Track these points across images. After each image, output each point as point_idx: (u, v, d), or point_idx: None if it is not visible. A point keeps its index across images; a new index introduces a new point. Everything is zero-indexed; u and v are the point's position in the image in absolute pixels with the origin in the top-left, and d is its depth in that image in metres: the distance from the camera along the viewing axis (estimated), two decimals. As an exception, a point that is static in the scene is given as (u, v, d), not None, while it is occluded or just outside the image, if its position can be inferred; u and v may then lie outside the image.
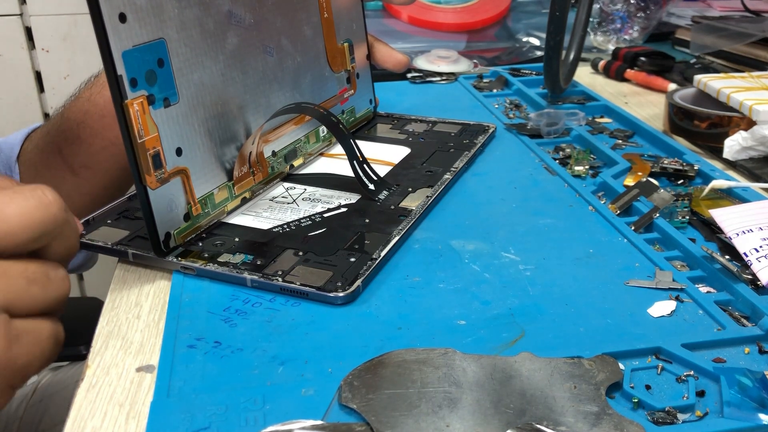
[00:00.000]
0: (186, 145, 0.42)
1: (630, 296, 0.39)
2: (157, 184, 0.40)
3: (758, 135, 0.55)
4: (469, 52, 0.90)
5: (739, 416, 0.29)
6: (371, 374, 0.32)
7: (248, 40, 0.48)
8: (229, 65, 0.46)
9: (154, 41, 0.39)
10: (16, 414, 0.67)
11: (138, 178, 0.39)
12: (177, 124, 0.41)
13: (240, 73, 0.47)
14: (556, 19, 0.60)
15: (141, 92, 0.38)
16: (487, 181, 0.54)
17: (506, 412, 0.29)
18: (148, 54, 0.39)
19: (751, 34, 0.80)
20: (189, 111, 0.42)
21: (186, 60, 0.42)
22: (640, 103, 0.74)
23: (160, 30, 0.40)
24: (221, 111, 0.45)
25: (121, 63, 0.37)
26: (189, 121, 0.42)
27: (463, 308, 0.38)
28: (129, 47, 0.37)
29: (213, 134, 0.45)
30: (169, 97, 0.40)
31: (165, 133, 0.40)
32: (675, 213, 0.47)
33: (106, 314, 0.38)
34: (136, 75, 0.38)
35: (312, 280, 0.39)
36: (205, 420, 0.30)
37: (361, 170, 0.49)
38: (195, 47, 0.43)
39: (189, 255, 0.41)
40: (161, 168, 0.40)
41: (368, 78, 0.64)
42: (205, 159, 0.44)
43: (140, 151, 0.38)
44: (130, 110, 0.38)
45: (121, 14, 0.37)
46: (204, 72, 0.43)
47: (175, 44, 0.41)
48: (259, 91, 0.49)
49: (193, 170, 0.43)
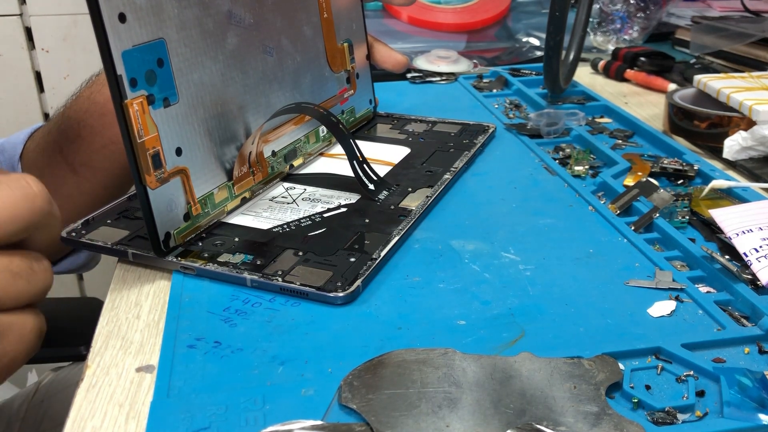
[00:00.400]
0: (186, 144, 0.42)
1: (630, 296, 0.39)
2: (157, 184, 0.40)
3: (758, 135, 0.55)
4: (469, 52, 0.90)
5: (739, 416, 0.29)
6: (371, 374, 0.32)
7: (248, 40, 0.48)
8: (228, 65, 0.46)
9: (153, 41, 0.39)
10: (18, 414, 0.67)
11: (138, 177, 0.39)
12: (177, 123, 0.41)
13: (240, 73, 0.47)
14: (556, 19, 0.60)
15: (141, 92, 0.38)
16: (487, 181, 0.54)
17: (506, 412, 0.29)
18: (148, 54, 0.39)
19: (751, 34, 0.80)
20: (189, 111, 0.42)
21: (186, 60, 0.42)
22: (640, 104, 0.74)
23: (159, 30, 0.40)
24: (221, 111, 0.45)
25: (120, 63, 0.37)
26: (189, 120, 0.42)
27: (463, 308, 0.38)
28: (129, 47, 0.37)
29: (213, 134, 0.45)
30: (168, 96, 0.40)
31: (165, 133, 0.40)
32: (675, 213, 0.47)
33: (106, 314, 0.38)
34: (136, 75, 0.38)
35: (312, 280, 0.39)
36: (205, 420, 0.30)
37: (361, 170, 0.49)
38: (195, 47, 0.42)
39: (189, 255, 0.41)
40: (161, 168, 0.40)
41: (368, 78, 0.64)
42: (204, 159, 0.44)
43: (140, 151, 0.38)
44: (129, 110, 0.38)
45: (121, 14, 0.37)
46: (204, 72, 0.43)
47: (175, 44, 0.41)
48: (259, 91, 0.49)
49: (193, 170, 0.43)
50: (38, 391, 0.70)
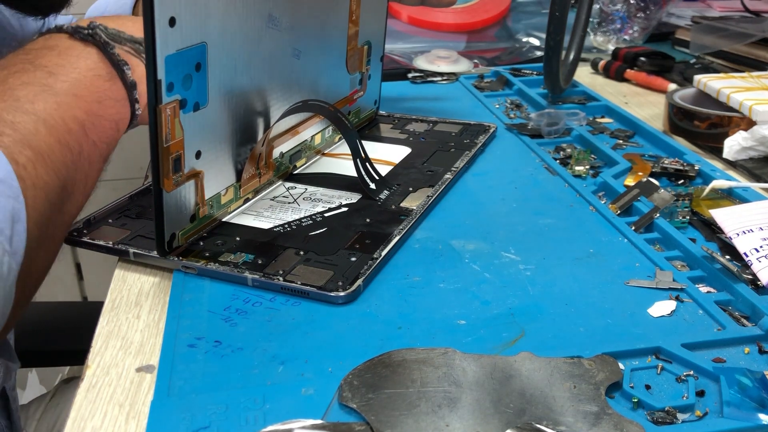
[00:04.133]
0: (206, 148, 0.42)
1: (630, 296, 0.39)
2: (173, 187, 0.40)
3: (758, 135, 0.55)
4: (469, 52, 0.90)
5: (738, 416, 0.29)
6: (371, 374, 0.32)
7: (281, 44, 0.47)
8: (259, 68, 0.45)
9: (196, 45, 0.38)
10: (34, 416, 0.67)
11: (156, 180, 0.38)
12: (202, 127, 0.41)
13: (267, 76, 0.47)
14: (556, 19, 0.60)
15: (175, 97, 0.38)
16: (487, 181, 0.54)
17: (506, 412, 0.29)
18: (189, 58, 0.38)
19: (751, 34, 0.80)
20: (215, 114, 0.42)
21: (221, 64, 0.41)
22: (640, 104, 0.74)
23: (203, 33, 0.39)
24: (243, 113, 0.45)
25: (162, 68, 0.36)
26: (213, 124, 0.42)
27: (463, 308, 0.38)
28: (172, 51, 0.37)
29: (232, 137, 0.44)
30: (199, 101, 0.40)
31: (189, 137, 0.40)
32: (675, 213, 0.47)
33: (106, 314, 0.38)
34: (174, 79, 0.37)
35: (313, 280, 0.39)
36: (206, 419, 0.30)
37: (364, 169, 0.50)
38: (232, 51, 0.42)
39: (190, 254, 0.41)
40: (180, 171, 0.40)
41: (378, 79, 0.64)
42: (220, 161, 0.44)
43: (164, 155, 0.38)
44: (162, 115, 0.37)
45: (172, 18, 0.36)
46: (235, 75, 0.43)
47: (215, 48, 0.40)
48: (281, 93, 0.49)
49: (207, 173, 0.43)
50: (56, 394, 0.70)
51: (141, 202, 0.49)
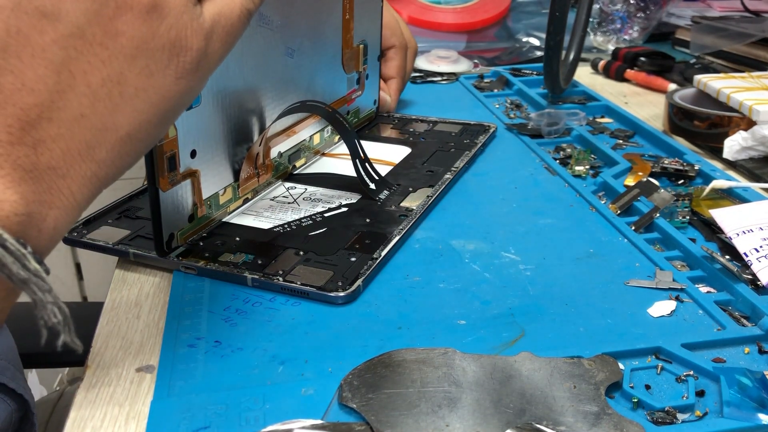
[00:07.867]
0: (200, 147, 0.42)
1: (630, 296, 0.39)
2: (169, 186, 0.40)
3: (758, 135, 0.55)
4: (469, 52, 0.90)
5: (738, 416, 0.29)
6: (371, 374, 0.32)
7: (273, 43, 0.47)
8: (251, 67, 0.45)
9: None
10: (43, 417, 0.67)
11: (151, 179, 0.38)
12: (195, 126, 0.41)
13: (261, 76, 0.46)
14: (556, 19, 0.60)
15: None
16: (487, 181, 0.54)
17: (506, 412, 0.29)
18: None
19: (751, 34, 0.80)
20: (208, 113, 0.42)
21: None
22: (640, 104, 0.74)
23: None
24: (238, 113, 0.45)
25: None
26: (207, 123, 0.42)
27: (463, 308, 0.38)
28: None
29: (227, 136, 0.44)
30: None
31: (183, 136, 0.40)
32: (675, 213, 0.47)
33: (106, 314, 0.38)
34: None
35: (313, 280, 0.39)
36: (206, 419, 0.30)
37: (363, 169, 0.50)
38: None
39: (190, 254, 0.41)
40: (175, 170, 0.40)
41: (376, 78, 0.64)
42: (216, 161, 0.44)
43: (158, 154, 0.38)
44: None
45: None
46: (228, 74, 0.43)
47: None
48: (276, 93, 0.49)
49: (204, 172, 0.43)
50: (64, 396, 0.70)
51: (141, 203, 0.49)
